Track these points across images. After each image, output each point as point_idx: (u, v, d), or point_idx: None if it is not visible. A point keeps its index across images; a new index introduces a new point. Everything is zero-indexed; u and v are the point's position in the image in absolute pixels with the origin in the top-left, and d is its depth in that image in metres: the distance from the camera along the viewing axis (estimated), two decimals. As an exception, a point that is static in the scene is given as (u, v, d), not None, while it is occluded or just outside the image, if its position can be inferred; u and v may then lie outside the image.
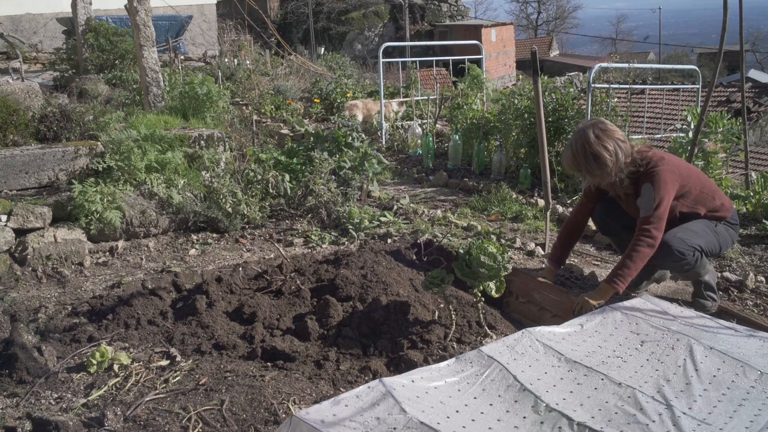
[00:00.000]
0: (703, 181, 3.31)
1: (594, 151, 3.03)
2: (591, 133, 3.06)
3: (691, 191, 3.22)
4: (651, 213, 3.04)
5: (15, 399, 2.52)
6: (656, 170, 3.09)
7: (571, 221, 3.58)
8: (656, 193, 3.05)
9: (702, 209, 3.25)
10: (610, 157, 3.04)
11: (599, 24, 62.75)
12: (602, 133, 3.07)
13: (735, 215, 3.40)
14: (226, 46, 13.72)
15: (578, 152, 3.08)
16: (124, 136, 4.65)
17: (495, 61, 25.46)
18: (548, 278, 3.45)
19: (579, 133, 3.13)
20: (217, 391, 2.48)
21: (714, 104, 13.61)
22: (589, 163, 3.06)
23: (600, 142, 3.04)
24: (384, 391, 2.07)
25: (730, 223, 3.35)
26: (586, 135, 3.07)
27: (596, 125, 3.13)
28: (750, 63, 32.36)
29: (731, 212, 3.35)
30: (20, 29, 12.58)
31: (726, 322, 2.81)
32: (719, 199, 3.31)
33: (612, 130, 3.11)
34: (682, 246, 3.14)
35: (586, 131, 3.09)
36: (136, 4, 5.83)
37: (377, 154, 5.75)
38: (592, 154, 3.03)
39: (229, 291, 3.46)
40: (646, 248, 3.03)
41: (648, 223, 3.04)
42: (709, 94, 4.81)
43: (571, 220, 3.58)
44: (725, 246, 3.37)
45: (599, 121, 3.18)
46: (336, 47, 23.87)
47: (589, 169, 3.09)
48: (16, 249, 4.04)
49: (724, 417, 2.07)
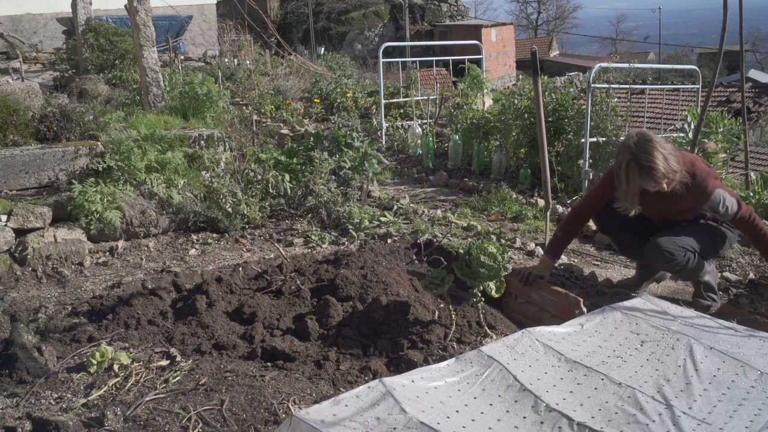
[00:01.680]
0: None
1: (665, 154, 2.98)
2: (652, 142, 2.99)
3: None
4: (737, 209, 3.11)
5: (15, 399, 2.52)
6: (709, 175, 3.13)
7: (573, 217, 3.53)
8: (730, 195, 3.13)
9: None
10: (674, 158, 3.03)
11: (599, 24, 62.74)
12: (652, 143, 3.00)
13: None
14: (226, 46, 13.71)
15: (670, 157, 2.97)
16: (124, 136, 4.65)
17: (495, 61, 25.45)
18: (545, 272, 3.42)
19: (653, 141, 3.00)
20: (217, 391, 2.48)
21: (714, 104, 13.61)
22: (644, 174, 2.97)
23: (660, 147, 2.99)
24: (384, 391, 2.06)
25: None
26: (651, 144, 2.98)
27: (643, 137, 3.04)
28: (750, 63, 32.35)
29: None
30: (20, 29, 12.58)
31: (726, 322, 2.81)
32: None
33: (661, 141, 3.06)
34: (672, 246, 3.15)
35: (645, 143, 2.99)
36: (136, 4, 5.83)
37: (377, 154, 5.75)
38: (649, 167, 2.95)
39: (229, 291, 3.46)
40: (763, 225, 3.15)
41: (744, 214, 3.13)
42: (709, 94, 4.82)
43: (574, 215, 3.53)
44: (724, 246, 3.37)
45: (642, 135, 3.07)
46: (336, 47, 23.86)
47: (672, 172, 2.98)
48: (16, 249, 4.04)
49: (724, 417, 2.07)
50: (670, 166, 2.96)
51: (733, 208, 3.11)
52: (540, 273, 3.41)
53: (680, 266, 3.20)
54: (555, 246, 3.50)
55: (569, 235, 3.56)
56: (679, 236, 3.20)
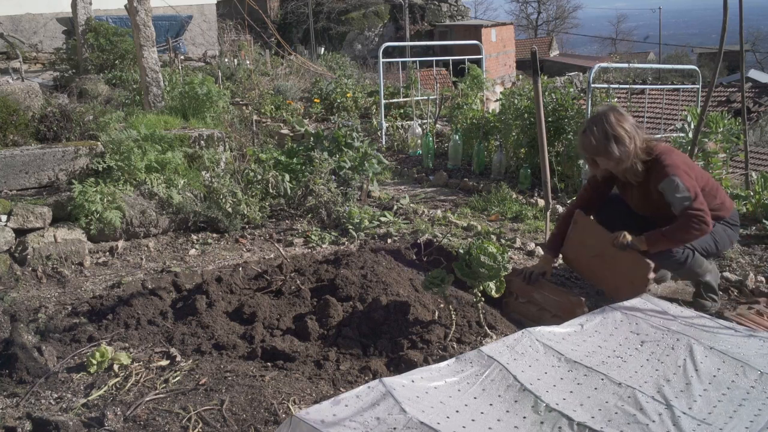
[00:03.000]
0: (706, 179, 3.31)
1: (616, 133, 3.06)
2: (612, 116, 3.11)
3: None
4: (691, 202, 3.04)
5: (15, 399, 2.52)
6: (671, 161, 3.11)
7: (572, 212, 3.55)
8: (686, 182, 3.06)
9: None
10: (629, 138, 3.07)
11: (599, 24, 62.75)
12: (621, 116, 3.12)
13: (735, 215, 3.38)
14: (226, 46, 13.71)
15: (599, 134, 3.09)
16: (124, 136, 4.65)
17: (495, 61, 25.46)
18: (545, 267, 3.44)
19: (597, 116, 3.17)
20: (217, 391, 2.48)
21: (714, 104, 13.61)
22: (609, 144, 3.07)
23: (620, 123, 3.08)
24: (384, 391, 2.06)
25: (729, 223, 3.34)
26: (607, 117, 3.11)
27: (614, 109, 3.19)
28: (750, 63, 32.35)
29: (731, 212, 3.34)
30: (20, 29, 12.58)
31: (726, 322, 2.82)
32: (720, 198, 3.31)
33: (627, 115, 3.17)
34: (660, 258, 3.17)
35: (606, 114, 3.13)
36: (136, 4, 5.83)
37: (377, 154, 5.75)
38: (614, 136, 3.06)
39: (229, 291, 3.46)
40: (697, 231, 3.05)
41: (695, 209, 3.03)
42: (709, 94, 4.82)
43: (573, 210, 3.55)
44: (723, 246, 3.36)
45: (614, 106, 3.24)
46: (336, 47, 23.86)
47: (609, 151, 3.08)
48: (16, 249, 4.04)
49: (724, 417, 2.07)
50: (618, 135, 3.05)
51: (686, 201, 3.04)
52: (542, 270, 3.43)
53: (678, 263, 3.20)
54: (553, 242, 3.54)
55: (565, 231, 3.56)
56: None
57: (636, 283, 3.06)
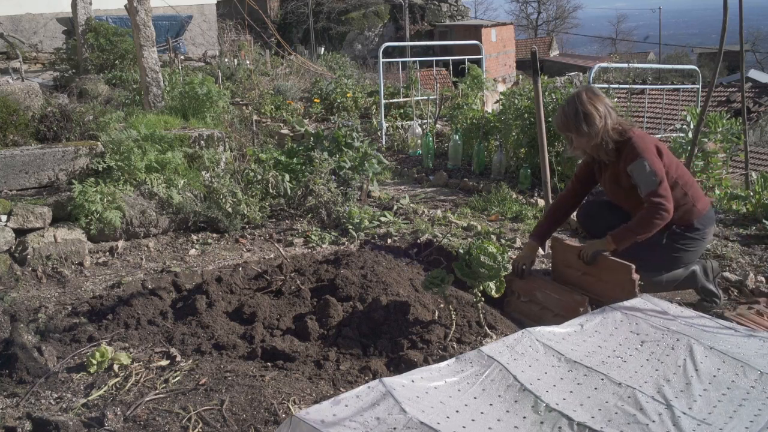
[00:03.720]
0: (681, 173, 3.27)
1: (585, 110, 3.16)
2: (584, 94, 3.22)
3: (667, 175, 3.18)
4: (656, 187, 3.07)
5: (15, 399, 2.52)
6: (642, 145, 3.15)
7: (560, 203, 3.60)
8: (653, 165, 3.09)
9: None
10: (599, 117, 3.15)
11: (599, 24, 62.76)
12: (593, 95, 3.23)
13: (705, 219, 3.30)
14: (226, 46, 13.71)
15: (570, 111, 3.20)
16: (124, 136, 4.65)
17: (495, 61, 25.46)
18: (531, 256, 3.46)
19: (571, 95, 3.29)
20: (217, 391, 2.48)
21: (714, 104, 13.62)
22: (579, 121, 3.17)
23: (591, 101, 3.18)
24: (384, 391, 2.06)
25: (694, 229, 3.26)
26: (579, 95, 3.23)
27: (588, 89, 3.33)
28: (750, 63, 32.35)
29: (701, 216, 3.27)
30: (20, 29, 12.58)
31: (726, 322, 2.82)
32: (692, 198, 3.25)
33: (602, 95, 3.27)
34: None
35: (579, 93, 3.26)
36: (136, 4, 5.83)
37: (377, 154, 5.75)
38: (584, 113, 3.16)
39: (229, 291, 3.46)
40: (659, 220, 3.08)
41: (658, 195, 3.06)
42: (709, 94, 4.82)
43: (560, 201, 3.61)
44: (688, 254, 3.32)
45: (591, 86, 3.35)
46: (336, 47, 23.87)
47: (579, 128, 3.18)
48: (16, 249, 4.04)
49: (724, 417, 2.07)
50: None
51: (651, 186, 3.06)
52: (529, 259, 3.44)
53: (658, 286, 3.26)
54: (539, 230, 3.59)
55: (553, 223, 3.60)
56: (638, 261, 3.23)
57: (626, 287, 3.06)
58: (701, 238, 3.31)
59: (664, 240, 3.24)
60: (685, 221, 3.25)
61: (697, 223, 3.27)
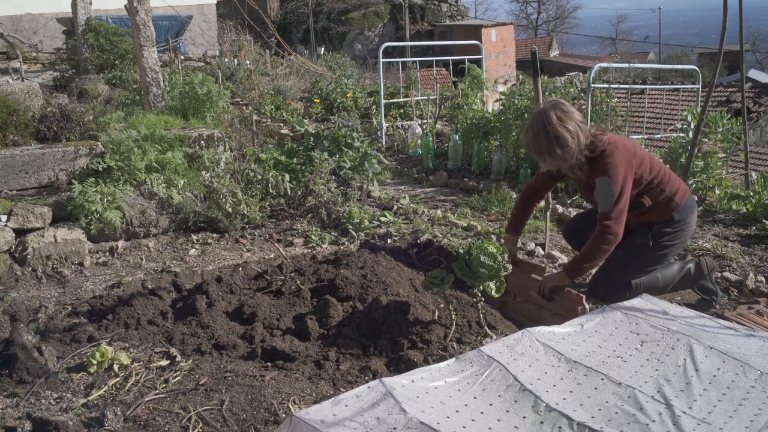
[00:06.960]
0: (655, 171, 3.19)
1: (557, 133, 2.95)
2: (553, 114, 2.98)
3: (641, 181, 3.14)
4: (610, 208, 3.00)
5: (15, 399, 2.52)
6: (612, 161, 3.02)
7: (529, 194, 3.53)
8: (614, 187, 3.00)
9: (648, 201, 3.18)
10: (571, 138, 2.97)
11: (599, 24, 62.76)
12: (563, 115, 2.99)
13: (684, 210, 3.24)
14: (226, 46, 13.72)
15: (539, 134, 2.99)
16: (124, 136, 4.65)
17: (495, 61, 25.47)
18: (511, 247, 3.43)
19: (539, 114, 3.04)
20: (217, 391, 2.48)
21: (714, 104, 13.61)
22: (551, 144, 2.98)
23: (562, 123, 2.97)
24: (384, 391, 2.06)
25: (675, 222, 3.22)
26: (548, 116, 2.98)
27: (557, 106, 3.04)
28: (750, 63, 32.34)
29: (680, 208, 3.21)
30: (20, 29, 12.58)
31: (726, 322, 2.82)
32: (670, 190, 3.19)
33: (572, 111, 3.04)
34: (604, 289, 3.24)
35: (547, 112, 3.00)
36: (136, 4, 5.83)
37: (377, 154, 5.75)
38: (555, 136, 2.96)
39: (229, 291, 3.46)
40: (606, 245, 3.03)
41: (608, 218, 3.00)
42: (709, 94, 4.82)
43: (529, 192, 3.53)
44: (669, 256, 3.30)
45: (559, 102, 3.11)
46: (336, 47, 23.87)
47: (551, 151, 3.00)
48: (16, 249, 4.04)
49: (724, 416, 2.07)
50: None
51: (606, 206, 3.00)
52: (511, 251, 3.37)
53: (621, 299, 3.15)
54: (512, 224, 3.53)
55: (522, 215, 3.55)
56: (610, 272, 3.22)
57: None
58: (684, 228, 3.26)
59: (650, 243, 3.21)
60: (665, 216, 3.21)
61: (678, 216, 3.21)
